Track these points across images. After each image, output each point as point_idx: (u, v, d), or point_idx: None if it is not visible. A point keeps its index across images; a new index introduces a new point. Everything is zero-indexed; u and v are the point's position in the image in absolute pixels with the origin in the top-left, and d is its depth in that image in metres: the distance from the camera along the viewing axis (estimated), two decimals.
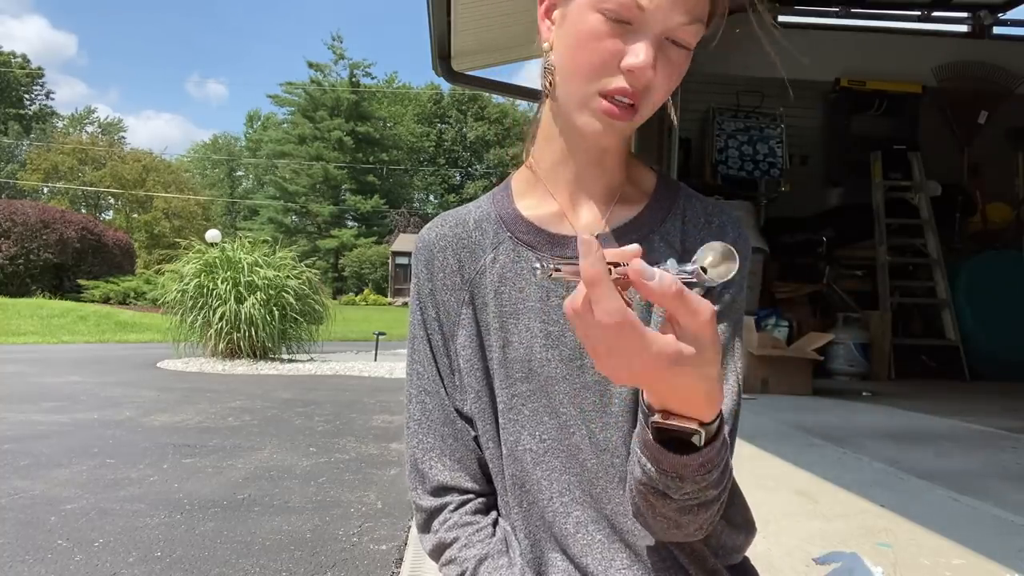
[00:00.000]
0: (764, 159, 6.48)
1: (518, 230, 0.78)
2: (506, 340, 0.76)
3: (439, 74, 5.94)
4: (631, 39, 0.66)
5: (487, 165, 57.40)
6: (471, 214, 0.82)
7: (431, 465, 0.79)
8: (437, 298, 0.80)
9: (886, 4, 7.16)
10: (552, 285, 0.75)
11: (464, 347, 0.78)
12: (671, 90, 0.69)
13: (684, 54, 0.68)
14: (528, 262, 0.77)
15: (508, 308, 0.77)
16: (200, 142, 67.30)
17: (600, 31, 0.66)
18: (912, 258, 6.65)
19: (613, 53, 0.66)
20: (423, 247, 0.82)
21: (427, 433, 0.80)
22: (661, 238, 0.76)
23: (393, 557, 2.35)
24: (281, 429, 4.57)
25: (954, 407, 4.48)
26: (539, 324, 0.75)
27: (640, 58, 0.65)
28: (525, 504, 0.76)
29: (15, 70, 53.49)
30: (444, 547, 0.77)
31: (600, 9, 0.66)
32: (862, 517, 2.20)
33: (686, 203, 0.79)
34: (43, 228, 21.06)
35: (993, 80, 6.86)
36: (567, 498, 0.75)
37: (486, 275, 0.78)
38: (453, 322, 0.79)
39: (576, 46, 0.68)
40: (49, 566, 2.20)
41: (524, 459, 0.76)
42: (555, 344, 0.75)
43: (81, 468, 3.44)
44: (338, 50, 54.20)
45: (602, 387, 0.74)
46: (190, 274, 9.08)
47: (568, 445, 0.75)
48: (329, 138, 50.69)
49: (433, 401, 0.80)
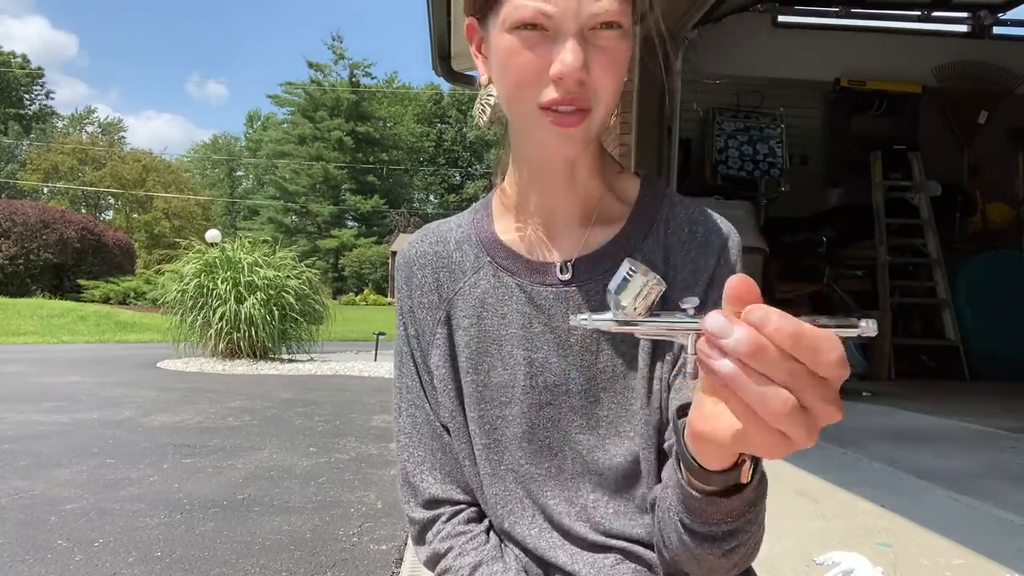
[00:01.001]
0: (764, 159, 6.48)
1: (498, 255, 0.77)
2: (490, 365, 0.76)
3: (439, 74, 5.94)
4: (552, 45, 0.63)
5: (487, 165, 57.32)
6: (452, 233, 0.81)
7: (422, 478, 0.79)
8: (416, 315, 0.80)
9: (886, 4, 7.16)
10: (533, 311, 0.74)
11: (438, 367, 0.78)
12: (619, 78, 0.66)
13: (617, 35, 0.64)
14: (510, 290, 0.75)
15: (491, 334, 0.76)
16: (200, 142, 67.34)
17: (517, 48, 0.64)
18: (912, 258, 6.65)
19: (538, 65, 0.64)
20: (404, 263, 0.82)
21: (417, 447, 0.80)
22: (643, 257, 0.73)
23: (393, 557, 2.35)
24: (281, 429, 4.57)
25: (954, 407, 4.48)
26: (522, 352, 0.75)
27: (565, 63, 0.62)
28: (507, 523, 0.77)
29: (15, 70, 53.48)
30: (439, 558, 0.78)
31: (510, 28, 0.64)
32: (862, 517, 2.20)
33: (669, 213, 0.76)
34: (43, 228, 21.06)
35: (993, 80, 6.86)
36: (547, 518, 0.76)
37: (466, 297, 0.78)
38: (428, 340, 0.79)
39: (503, 70, 0.66)
40: (49, 566, 2.20)
41: (506, 478, 0.77)
42: (539, 371, 0.74)
43: (81, 468, 3.44)
44: (338, 50, 54.20)
45: (588, 410, 0.74)
46: (190, 274, 9.07)
47: (550, 467, 0.75)
48: (329, 138, 50.69)
49: (420, 415, 0.80)
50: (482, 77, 0.73)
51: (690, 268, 0.73)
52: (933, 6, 7.12)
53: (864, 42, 6.93)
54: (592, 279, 0.74)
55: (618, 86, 0.66)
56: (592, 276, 0.74)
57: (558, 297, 0.74)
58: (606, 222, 0.76)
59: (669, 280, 0.73)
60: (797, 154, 6.73)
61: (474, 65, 0.78)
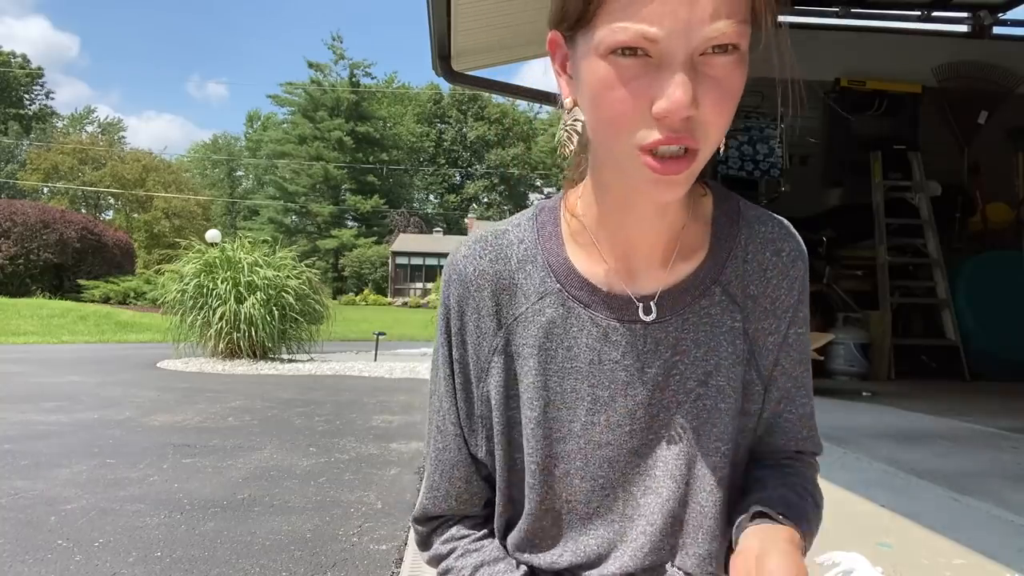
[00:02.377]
0: (764, 159, 6.48)
1: (569, 284, 0.71)
2: (548, 400, 0.71)
3: (439, 74, 5.94)
4: (657, 76, 0.54)
5: (487, 165, 57.41)
6: (513, 249, 0.73)
7: (435, 504, 0.79)
8: (467, 340, 0.74)
9: (886, 4, 7.16)
10: (604, 347, 0.70)
11: (492, 396, 0.73)
12: (731, 113, 0.57)
13: (732, 61, 0.55)
14: (581, 322, 0.70)
15: (554, 367, 0.71)
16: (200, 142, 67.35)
17: (612, 79, 0.55)
18: (912, 258, 6.65)
19: (638, 100, 0.55)
20: (459, 280, 0.73)
21: (440, 475, 0.78)
22: (723, 289, 0.70)
23: (393, 557, 2.35)
24: (281, 429, 4.57)
25: (954, 407, 4.48)
26: (587, 387, 0.70)
27: (672, 100, 0.53)
28: (538, 560, 0.75)
29: (15, 70, 53.48)
30: (441, 558, 0.78)
31: (605, 52, 0.55)
32: (862, 517, 2.20)
33: (748, 235, 0.72)
34: (43, 228, 21.06)
35: (993, 80, 6.85)
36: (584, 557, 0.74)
37: (528, 325, 0.71)
38: (481, 368, 0.73)
39: (594, 103, 0.58)
40: (49, 566, 2.20)
41: (544, 520, 0.74)
42: (602, 409, 0.70)
43: (81, 468, 3.44)
44: (338, 50, 54.32)
45: (648, 451, 0.71)
46: (190, 274, 9.08)
47: (598, 508, 0.73)
48: (329, 138, 50.73)
49: (446, 441, 0.77)
50: (566, 100, 0.65)
51: (770, 298, 0.72)
52: (933, 6, 7.12)
53: (864, 42, 6.93)
54: (673, 316, 0.70)
55: (728, 120, 0.58)
56: (673, 313, 0.70)
57: (635, 334, 0.70)
58: (687, 253, 0.71)
59: (748, 309, 0.71)
60: (797, 154, 6.73)
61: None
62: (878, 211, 6.54)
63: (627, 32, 0.53)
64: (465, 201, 58.58)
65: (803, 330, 0.74)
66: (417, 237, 48.59)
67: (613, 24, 0.54)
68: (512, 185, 56.88)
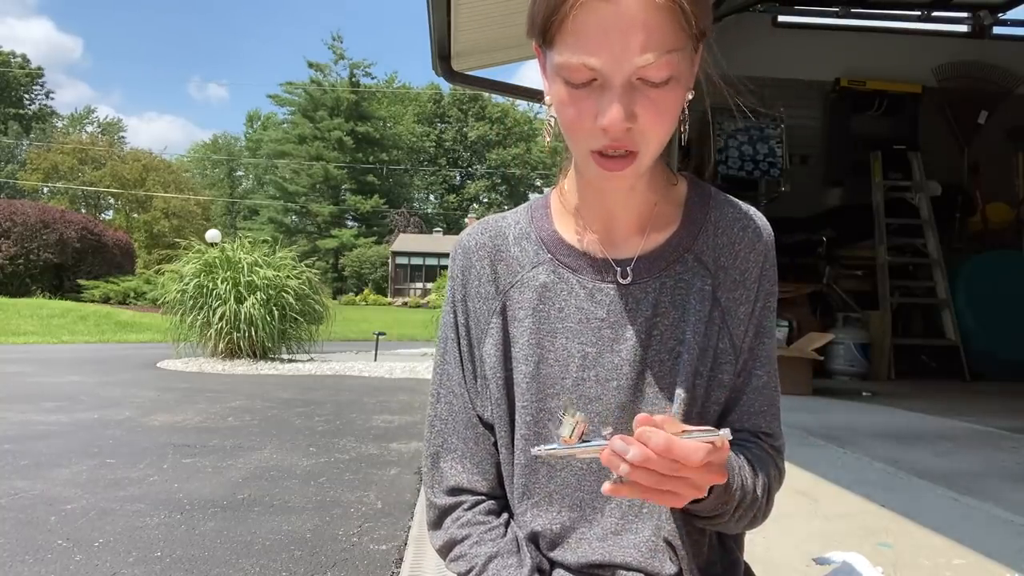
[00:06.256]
0: (764, 159, 6.48)
1: (559, 252, 0.80)
2: (541, 357, 0.78)
3: (439, 74, 5.94)
4: (600, 97, 0.65)
5: (488, 165, 57.41)
6: (511, 229, 0.84)
7: (451, 465, 0.82)
8: (468, 305, 0.82)
9: (886, 4, 7.17)
10: (591, 306, 0.78)
11: (490, 355, 0.80)
12: (668, 124, 0.68)
13: (665, 90, 0.65)
14: (570, 285, 0.79)
15: (546, 326, 0.79)
16: (200, 142, 67.36)
17: (566, 99, 0.67)
18: (912, 258, 6.65)
19: (586, 116, 0.66)
20: (461, 252, 0.84)
21: (451, 434, 0.83)
22: (695, 257, 0.79)
23: (393, 557, 2.35)
24: (281, 429, 4.56)
25: (954, 407, 4.48)
26: (577, 345, 0.78)
27: (609, 117, 0.64)
28: (529, 515, 0.80)
29: (15, 70, 53.48)
30: (454, 543, 0.79)
31: (561, 77, 0.66)
32: (862, 517, 2.20)
33: (718, 213, 0.81)
34: (43, 228, 21.06)
35: (993, 80, 6.86)
36: (575, 512, 0.79)
37: (524, 290, 0.80)
38: (481, 330, 0.81)
39: (557, 112, 0.69)
40: (49, 566, 2.20)
41: (539, 471, 0.79)
42: (591, 365, 0.77)
43: (81, 468, 3.44)
44: (338, 50, 54.31)
45: (635, 407, 0.77)
46: (190, 274, 9.07)
47: (590, 462, 0.77)
48: (329, 138, 50.72)
49: (458, 403, 0.83)
50: (546, 98, 0.74)
51: (739, 270, 0.79)
52: (933, 6, 7.12)
53: (864, 42, 6.93)
54: (650, 278, 0.78)
55: (667, 129, 0.68)
56: (650, 276, 0.79)
57: (618, 294, 0.78)
58: (661, 225, 0.80)
59: (720, 279, 0.79)
60: (797, 154, 6.73)
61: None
62: (878, 211, 6.54)
63: (572, 64, 0.64)
64: (465, 201, 58.56)
65: (767, 305, 0.81)
66: (417, 237, 48.58)
67: (564, 55, 0.65)
68: (512, 185, 56.88)
